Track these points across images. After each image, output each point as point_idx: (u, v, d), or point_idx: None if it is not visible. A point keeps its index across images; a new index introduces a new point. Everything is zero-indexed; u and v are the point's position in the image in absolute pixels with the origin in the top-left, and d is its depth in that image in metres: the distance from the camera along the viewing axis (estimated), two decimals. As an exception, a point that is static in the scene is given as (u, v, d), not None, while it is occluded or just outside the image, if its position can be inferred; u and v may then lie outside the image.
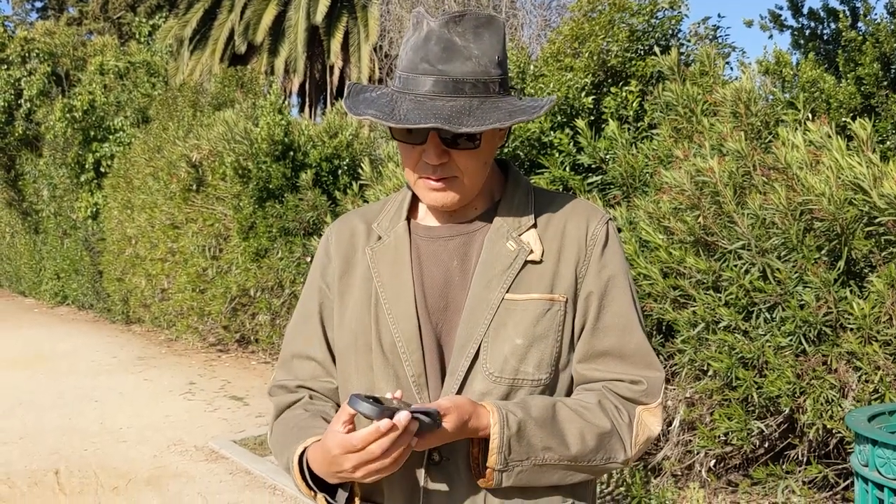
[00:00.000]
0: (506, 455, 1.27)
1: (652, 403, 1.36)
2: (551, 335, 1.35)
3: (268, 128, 7.80)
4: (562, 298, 1.36)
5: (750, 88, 4.39)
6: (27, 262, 21.18)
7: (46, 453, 6.05)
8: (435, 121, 1.24)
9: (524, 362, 1.34)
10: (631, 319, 1.38)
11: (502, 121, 1.28)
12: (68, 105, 14.48)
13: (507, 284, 1.35)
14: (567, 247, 1.38)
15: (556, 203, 1.44)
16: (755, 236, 3.76)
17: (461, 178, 1.35)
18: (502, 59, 1.33)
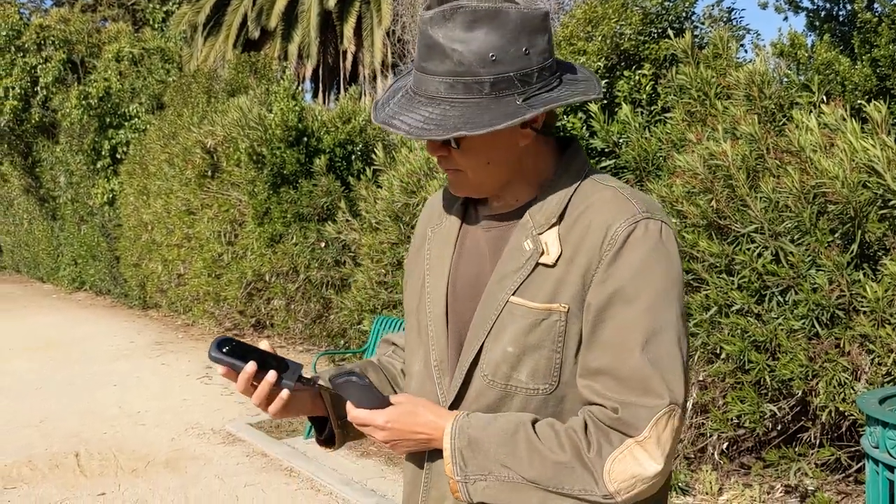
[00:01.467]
0: (461, 466, 1.25)
1: (636, 435, 1.18)
2: (547, 345, 1.26)
3: (282, 114, 7.83)
4: (563, 308, 1.25)
5: (764, 71, 4.37)
6: (45, 248, 21.38)
7: (66, 436, 6.14)
8: (399, 123, 1.25)
9: (516, 370, 1.29)
10: (630, 339, 1.20)
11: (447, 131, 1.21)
12: (84, 92, 14.56)
13: (515, 286, 1.28)
14: (582, 250, 1.25)
15: (596, 197, 1.28)
16: (768, 219, 3.75)
17: (465, 173, 1.31)
18: (501, 57, 1.21)
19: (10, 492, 4.90)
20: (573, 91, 1.29)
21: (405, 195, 5.96)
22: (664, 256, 1.23)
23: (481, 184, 1.33)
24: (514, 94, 1.23)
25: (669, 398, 1.19)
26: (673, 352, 1.21)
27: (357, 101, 8.79)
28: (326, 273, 7.66)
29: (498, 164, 1.30)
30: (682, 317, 1.25)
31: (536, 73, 1.24)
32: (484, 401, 1.31)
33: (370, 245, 6.35)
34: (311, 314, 8.12)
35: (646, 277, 1.21)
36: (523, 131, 1.28)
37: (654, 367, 1.19)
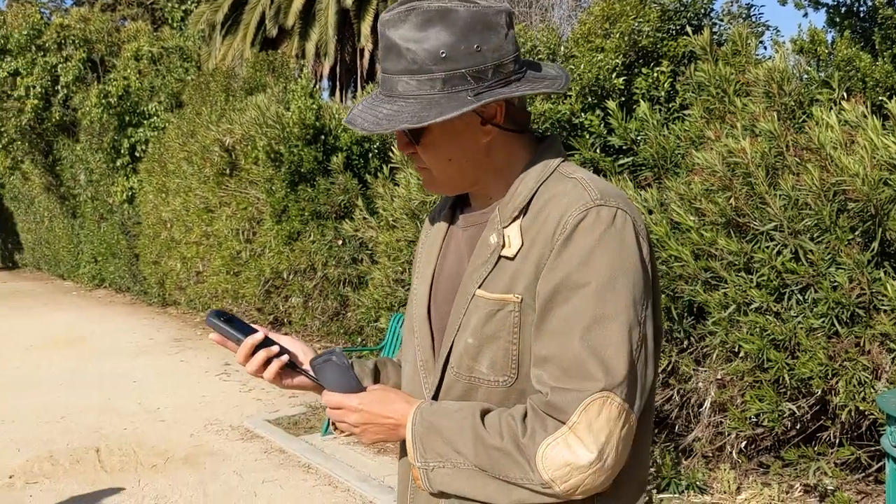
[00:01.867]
0: (421, 452, 1.26)
1: (567, 421, 1.15)
2: (503, 336, 1.27)
3: (299, 112, 7.85)
4: (515, 298, 1.25)
5: (783, 68, 4.34)
6: (65, 246, 21.58)
7: (87, 432, 6.20)
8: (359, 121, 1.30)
9: (477, 361, 1.30)
10: (573, 326, 1.18)
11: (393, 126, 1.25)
12: (104, 91, 14.68)
13: (481, 280, 1.30)
14: (538, 241, 1.25)
15: (558, 188, 1.28)
16: (787, 217, 3.73)
17: (431, 171, 1.35)
18: (451, 54, 1.24)
19: (32, 486, 4.95)
20: (533, 87, 1.31)
21: (422, 193, 5.97)
22: (614, 243, 1.20)
23: (448, 181, 1.35)
24: (467, 89, 1.25)
25: (604, 383, 1.16)
26: (618, 340, 1.17)
27: (374, 99, 8.79)
28: (344, 271, 7.68)
29: (460, 161, 1.32)
30: (636, 306, 1.20)
31: (491, 70, 1.26)
32: (453, 394, 1.33)
33: (387, 243, 6.36)
34: (329, 311, 8.15)
35: (593, 264, 1.19)
36: (484, 128, 1.30)
37: (592, 353, 1.17)
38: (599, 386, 1.15)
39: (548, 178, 1.31)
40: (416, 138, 1.31)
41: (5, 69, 19.36)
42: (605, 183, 1.29)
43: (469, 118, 1.28)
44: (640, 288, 1.21)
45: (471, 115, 1.28)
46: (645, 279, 1.23)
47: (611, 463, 1.17)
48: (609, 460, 1.16)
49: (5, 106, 19.96)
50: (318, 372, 1.38)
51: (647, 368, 1.22)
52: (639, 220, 1.27)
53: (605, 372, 1.16)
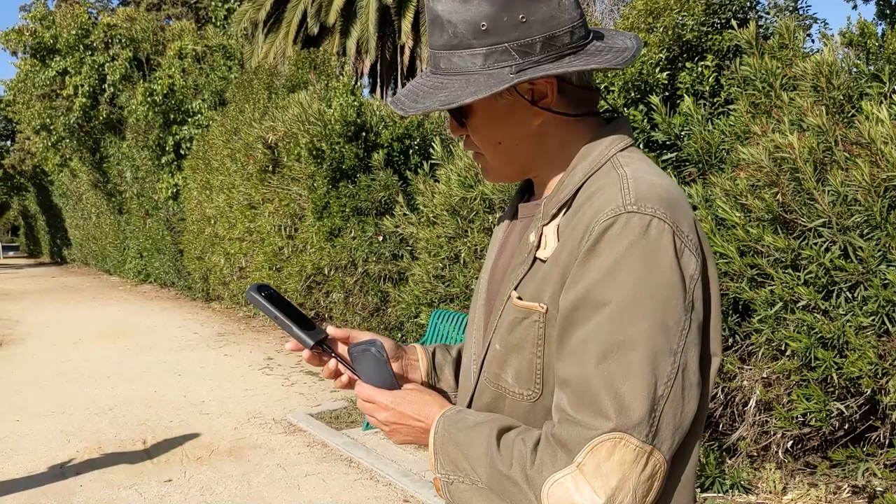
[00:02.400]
0: (442, 463, 1.17)
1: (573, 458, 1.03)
2: (527, 347, 1.16)
3: (341, 109, 7.91)
4: (541, 308, 1.13)
5: (832, 61, 4.26)
6: (112, 242, 22.00)
7: (134, 423, 6.33)
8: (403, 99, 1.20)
9: (503, 370, 1.20)
10: (589, 349, 1.05)
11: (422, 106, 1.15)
12: (149, 89, 14.94)
13: (518, 281, 1.18)
14: (568, 243, 1.11)
15: (602, 183, 1.13)
16: (836, 213, 3.66)
17: (484, 156, 1.25)
18: (493, 26, 1.12)
19: (82, 476, 5.07)
20: (588, 61, 1.15)
21: (463, 189, 5.97)
22: (644, 257, 1.04)
23: (500, 167, 1.24)
24: (510, 65, 1.13)
25: (616, 423, 1.01)
26: (637, 371, 1.02)
27: (415, 96, 8.81)
28: (384, 267, 7.72)
29: (509, 146, 1.21)
30: (667, 332, 1.04)
31: (540, 43, 1.13)
32: (483, 399, 1.25)
33: (427, 239, 6.38)
34: (369, 307, 8.20)
35: (616, 281, 1.04)
36: (535, 109, 1.17)
37: (606, 386, 1.02)
38: (609, 426, 1.01)
39: (599, 168, 1.16)
40: (462, 120, 1.21)
41: (54, 68, 19.82)
42: (652, 183, 1.11)
43: (515, 98, 1.17)
44: (675, 311, 1.05)
45: (517, 95, 1.16)
46: (684, 300, 1.06)
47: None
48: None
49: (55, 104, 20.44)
50: (354, 360, 1.30)
51: (684, 403, 1.05)
52: (685, 230, 1.09)
53: (618, 410, 1.02)
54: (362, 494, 4.68)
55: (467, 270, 6.00)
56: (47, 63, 19.99)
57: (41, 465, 5.32)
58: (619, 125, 1.21)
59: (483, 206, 5.88)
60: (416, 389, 1.27)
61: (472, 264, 5.93)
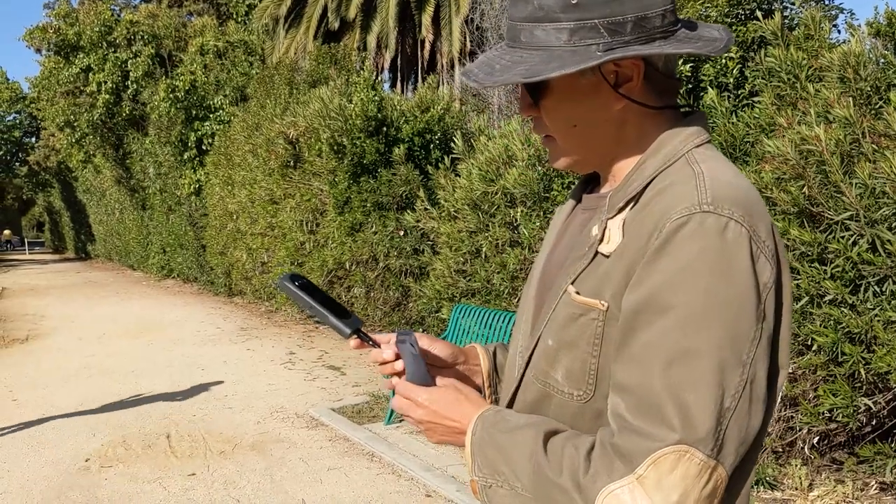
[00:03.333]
0: (479, 466, 1.12)
1: (634, 470, 0.97)
2: (581, 346, 1.10)
3: (362, 104, 7.92)
4: (602, 306, 1.07)
5: (859, 52, 4.19)
6: (135, 237, 22.19)
7: (158, 418, 6.38)
8: (476, 71, 1.13)
9: (553, 368, 1.14)
10: (654, 355, 0.99)
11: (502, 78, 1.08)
12: (171, 85, 15.03)
13: (575, 275, 1.12)
14: (634, 240, 1.05)
15: (675, 178, 1.07)
16: (864, 206, 3.61)
17: (556, 140, 1.17)
18: (584, 1, 1.05)
19: (107, 470, 5.11)
20: (679, 46, 1.09)
21: (484, 183, 5.95)
22: (718, 262, 0.98)
23: (572, 153, 1.17)
24: (598, 43, 1.05)
25: (681, 435, 0.96)
26: (704, 382, 0.97)
27: (435, 91, 8.82)
28: (405, 261, 7.73)
29: (585, 130, 1.14)
30: (737, 343, 0.98)
31: (631, 23, 1.06)
32: (528, 397, 1.19)
33: (448, 233, 6.37)
34: (391, 302, 8.21)
35: (686, 285, 0.98)
36: (617, 94, 1.10)
37: (671, 395, 0.97)
38: (675, 438, 0.96)
39: (672, 163, 1.09)
40: (537, 98, 1.14)
41: (78, 65, 20.00)
42: (730, 184, 1.04)
43: (599, 79, 1.10)
44: (746, 321, 0.99)
45: (600, 76, 1.09)
46: (757, 309, 1.00)
47: None
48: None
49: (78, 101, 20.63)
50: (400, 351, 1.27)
51: (750, 417, 1.00)
52: (762, 235, 1.02)
53: (683, 421, 0.96)
54: (384, 489, 4.69)
55: (488, 265, 5.98)
56: (71, 60, 20.18)
57: (66, 458, 5.38)
58: (696, 119, 1.15)
59: (504, 200, 5.86)
60: (451, 387, 1.22)
61: (494, 259, 5.91)
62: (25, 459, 5.37)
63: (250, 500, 4.53)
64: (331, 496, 4.58)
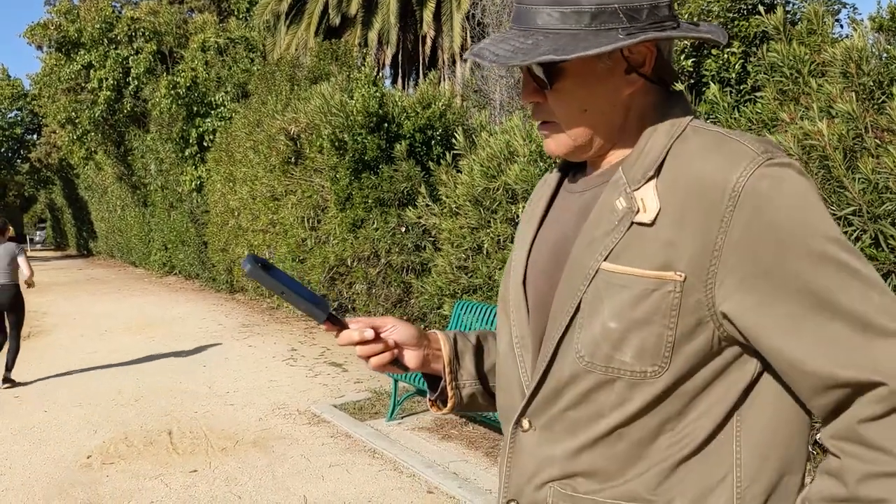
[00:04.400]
0: None
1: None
2: (657, 321, 1.07)
3: (363, 100, 7.90)
4: (678, 277, 1.05)
5: (862, 46, 4.17)
6: (137, 234, 22.19)
7: (160, 415, 6.37)
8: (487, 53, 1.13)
9: (619, 350, 1.09)
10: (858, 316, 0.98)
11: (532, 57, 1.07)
12: (172, 82, 15.02)
13: (608, 251, 1.10)
14: (694, 207, 1.05)
15: (699, 142, 1.09)
16: (867, 202, 3.59)
17: (559, 124, 1.18)
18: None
19: (109, 467, 5.11)
20: (689, 30, 1.14)
21: (485, 179, 5.94)
22: (813, 200, 1.01)
23: (576, 137, 1.17)
24: (618, 28, 1.08)
25: None
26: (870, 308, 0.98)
27: (436, 87, 8.80)
28: (407, 258, 7.72)
29: (595, 114, 1.15)
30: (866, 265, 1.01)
31: (647, 10, 1.10)
32: (581, 386, 1.14)
33: (450, 230, 6.36)
34: (392, 298, 8.20)
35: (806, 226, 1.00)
36: (629, 77, 1.13)
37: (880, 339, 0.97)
38: None
39: (681, 133, 1.12)
40: (551, 81, 1.14)
41: (79, 62, 19.99)
42: (754, 135, 1.09)
43: (614, 63, 1.12)
44: None
45: (617, 60, 1.12)
46: None
47: None
48: None
49: (79, 98, 20.62)
50: None
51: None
52: None
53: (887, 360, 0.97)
54: (386, 485, 4.68)
55: (490, 261, 5.97)
56: (72, 57, 20.17)
57: (68, 455, 5.38)
58: (680, 97, 1.20)
59: (506, 196, 5.85)
60: None
61: (496, 255, 5.90)
62: (27, 456, 5.38)
63: (252, 497, 4.53)
64: (332, 493, 4.58)
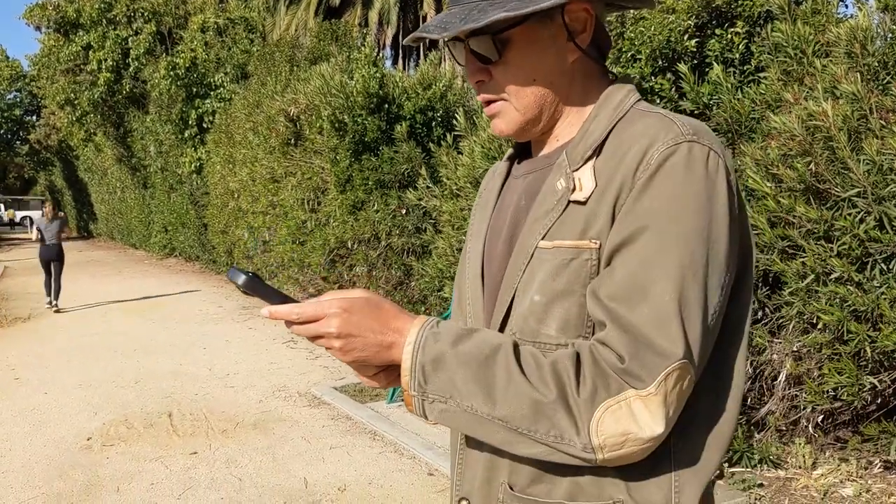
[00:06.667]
0: (420, 382, 1.07)
1: (640, 388, 0.98)
2: (577, 290, 1.08)
3: (363, 81, 7.84)
4: (593, 244, 1.07)
5: (867, 26, 4.12)
6: (137, 216, 22.16)
7: (160, 397, 6.37)
8: (431, 28, 1.13)
9: (543, 323, 1.11)
10: (653, 276, 1.01)
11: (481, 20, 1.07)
12: (172, 63, 14.93)
13: (545, 230, 1.12)
14: (616, 179, 1.07)
15: (639, 124, 1.10)
16: (871, 183, 3.56)
17: (509, 101, 1.17)
18: None
19: (109, 449, 5.11)
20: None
21: (486, 161, 5.90)
22: (706, 186, 1.03)
23: (526, 110, 1.17)
24: None
25: (683, 352, 0.99)
26: (698, 301, 1.01)
27: (437, 67, 8.74)
28: (407, 240, 7.69)
29: (543, 84, 1.16)
30: (718, 265, 1.03)
31: None
32: None
33: (451, 212, 6.32)
34: (393, 281, 8.18)
35: (681, 208, 1.02)
36: (570, 45, 1.15)
37: (676, 314, 1.00)
38: (680, 355, 0.99)
39: (624, 115, 1.14)
40: (501, 51, 1.14)
41: (78, 43, 19.88)
42: (697, 121, 1.10)
43: (556, 30, 1.13)
44: (724, 246, 1.04)
45: (559, 26, 1.13)
46: (731, 241, 1.05)
47: (664, 437, 1.02)
48: (665, 434, 1.01)
49: (79, 79, 20.52)
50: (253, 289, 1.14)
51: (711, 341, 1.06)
52: (733, 172, 1.08)
53: (685, 337, 0.99)
54: (387, 467, 4.68)
55: (491, 243, 5.94)
56: (71, 38, 20.05)
57: (68, 437, 5.38)
58: (627, 80, 1.21)
59: (507, 178, 5.81)
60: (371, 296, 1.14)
61: (496, 237, 5.88)
62: (27, 438, 5.38)
63: (252, 479, 4.53)
64: (333, 475, 4.57)
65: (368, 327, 1.09)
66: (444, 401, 1.07)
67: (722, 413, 1.12)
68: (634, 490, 1.09)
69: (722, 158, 1.06)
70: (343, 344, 1.09)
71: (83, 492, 4.40)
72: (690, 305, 1.01)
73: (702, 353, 1.02)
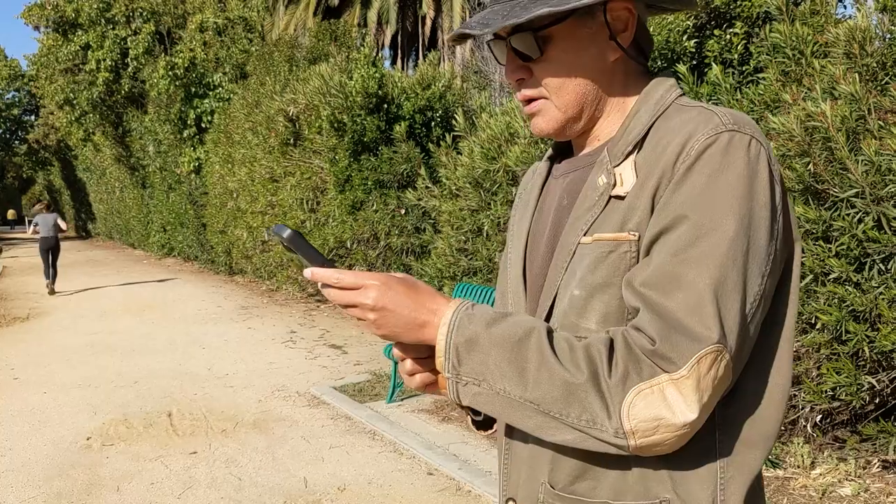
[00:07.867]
0: (454, 363, 1.07)
1: (672, 371, 0.98)
2: (617, 283, 1.08)
3: (362, 81, 7.85)
4: (631, 237, 1.07)
5: (866, 27, 4.13)
6: (136, 216, 22.14)
7: (159, 396, 6.38)
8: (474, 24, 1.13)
9: (583, 317, 1.11)
10: (684, 269, 1.00)
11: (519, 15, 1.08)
12: (171, 63, 14.92)
13: (587, 226, 1.12)
14: (655, 171, 1.07)
15: (679, 118, 1.10)
16: (870, 183, 3.57)
17: (550, 99, 1.18)
18: None
19: (109, 448, 5.12)
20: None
21: (485, 161, 5.91)
22: (747, 173, 1.02)
23: (567, 107, 1.17)
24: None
25: (718, 336, 0.98)
26: (737, 287, 1.00)
27: (436, 67, 8.74)
28: (406, 240, 7.70)
29: (584, 81, 1.16)
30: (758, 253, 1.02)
31: None
32: None
33: (450, 212, 6.33)
34: (392, 280, 8.19)
35: (722, 197, 1.01)
36: (612, 44, 1.15)
37: (712, 300, 0.98)
38: (715, 339, 0.97)
39: (665, 110, 1.14)
40: (542, 49, 1.14)
41: (77, 43, 19.86)
42: (738, 112, 1.09)
43: (598, 28, 1.14)
44: (765, 235, 1.03)
45: (600, 26, 1.13)
46: (773, 230, 1.04)
47: (701, 423, 1.01)
48: (702, 421, 1.00)
49: (77, 79, 20.50)
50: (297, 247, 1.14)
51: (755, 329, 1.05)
52: (776, 162, 1.07)
53: (720, 322, 0.98)
54: (386, 467, 4.69)
55: (490, 243, 5.95)
56: (69, 37, 20.04)
57: (68, 436, 5.38)
58: (668, 76, 1.20)
59: (506, 178, 5.82)
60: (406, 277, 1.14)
61: (496, 237, 5.89)
62: (27, 438, 5.38)
63: (252, 479, 4.53)
64: (332, 474, 4.58)
65: (404, 304, 1.10)
66: (478, 383, 1.07)
67: (767, 410, 1.11)
68: (680, 485, 1.07)
69: (764, 148, 1.05)
70: (377, 317, 1.10)
71: (83, 491, 4.40)
72: (728, 292, 0.99)
73: (740, 341, 1.01)
